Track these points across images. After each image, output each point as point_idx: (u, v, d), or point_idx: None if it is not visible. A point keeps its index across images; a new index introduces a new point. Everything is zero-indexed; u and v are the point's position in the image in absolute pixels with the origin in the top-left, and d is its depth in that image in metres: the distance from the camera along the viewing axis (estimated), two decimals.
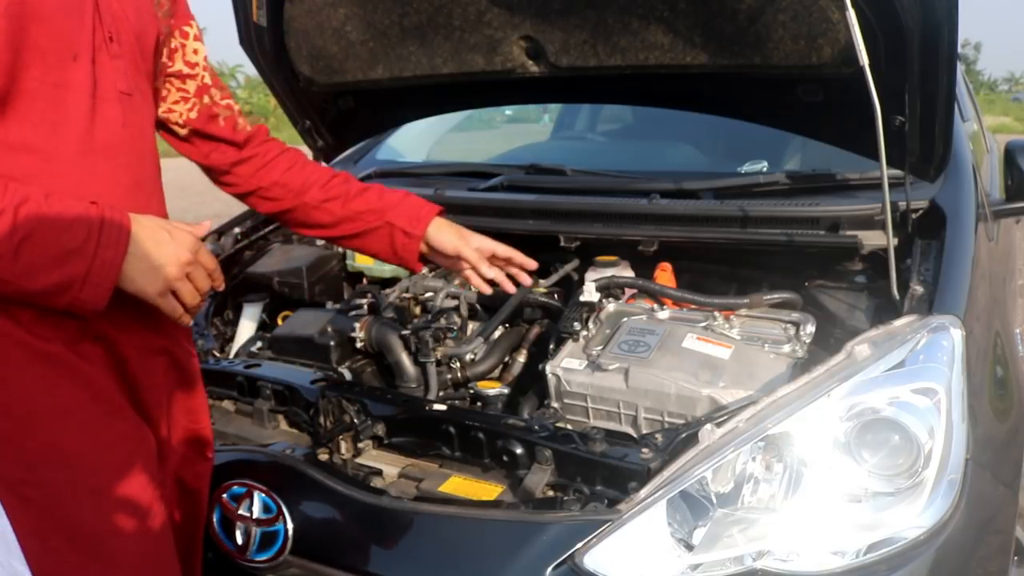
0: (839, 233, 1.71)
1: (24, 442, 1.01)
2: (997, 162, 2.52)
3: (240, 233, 2.29)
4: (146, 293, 1.04)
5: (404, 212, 1.46)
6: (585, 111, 3.27)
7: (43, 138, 1.02)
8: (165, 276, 1.05)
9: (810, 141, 1.93)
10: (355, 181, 1.49)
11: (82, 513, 1.03)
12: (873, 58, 1.34)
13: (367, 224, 1.46)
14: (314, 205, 1.44)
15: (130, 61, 1.12)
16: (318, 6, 1.88)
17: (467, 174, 2.35)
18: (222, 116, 1.37)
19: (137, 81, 1.13)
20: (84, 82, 1.04)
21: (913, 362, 1.26)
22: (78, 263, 0.98)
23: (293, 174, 1.44)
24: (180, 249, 1.06)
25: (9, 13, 0.95)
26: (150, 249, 1.04)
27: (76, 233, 0.98)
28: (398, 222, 1.45)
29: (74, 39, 1.04)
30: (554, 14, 1.70)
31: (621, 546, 1.16)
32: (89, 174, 1.06)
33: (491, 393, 1.68)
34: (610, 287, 1.74)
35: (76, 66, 1.04)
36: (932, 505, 1.17)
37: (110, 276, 1.00)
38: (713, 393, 1.40)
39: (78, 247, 0.97)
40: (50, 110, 1.02)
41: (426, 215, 1.47)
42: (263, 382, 1.66)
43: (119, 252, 1.00)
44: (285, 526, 1.33)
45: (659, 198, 1.90)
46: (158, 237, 1.05)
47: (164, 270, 1.05)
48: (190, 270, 1.08)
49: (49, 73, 1.01)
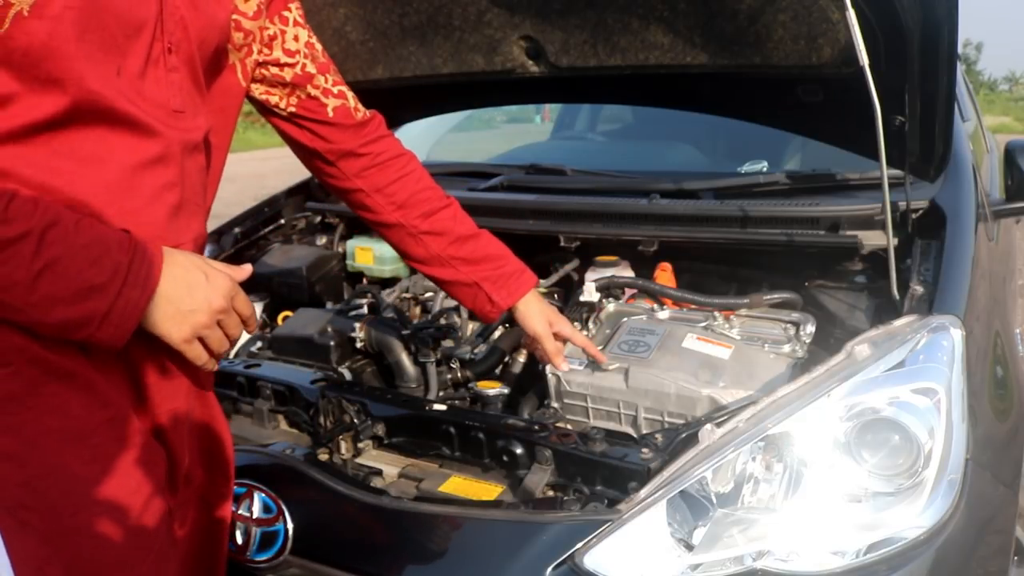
0: (839, 233, 1.71)
1: (28, 463, 0.94)
2: (997, 162, 2.52)
3: (240, 233, 2.29)
4: (171, 338, 0.97)
5: (498, 278, 1.41)
6: (585, 111, 3.27)
7: (91, 148, 0.95)
8: (194, 323, 0.97)
9: (810, 141, 1.93)
10: (464, 218, 1.41)
11: (83, 543, 0.96)
12: (873, 58, 1.34)
13: (458, 276, 1.41)
14: (411, 233, 1.37)
15: (186, 74, 1.04)
16: (318, 6, 1.88)
17: (467, 174, 2.35)
18: (332, 105, 1.29)
19: (192, 95, 1.06)
20: (134, 98, 0.97)
21: (913, 362, 1.26)
22: (100, 300, 0.90)
23: (400, 186, 1.35)
24: (214, 295, 0.99)
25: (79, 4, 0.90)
26: (181, 293, 0.96)
27: (103, 267, 0.90)
28: (487, 287, 1.41)
29: (127, 51, 0.96)
30: (554, 14, 1.70)
31: (621, 546, 1.16)
32: (133, 190, 0.98)
33: (491, 393, 1.68)
34: (610, 287, 1.74)
35: (121, 81, 0.96)
36: (932, 505, 1.16)
37: (132, 317, 0.92)
38: (713, 393, 1.40)
39: (103, 283, 0.90)
40: (98, 122, 0.95)
41: (519, 288, 1.43)
42: (263, 382, 1.65)
43: (146, 293, 0.93)
44: (285, 526, 1.33)
45: (659, 198, 1.90)
46: (192, 279, 0.97)
47: (193, 316, 0.97)
48: (222, 317, 1.00)
49: (101, 83, 0.93)
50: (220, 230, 2.32)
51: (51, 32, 0.88)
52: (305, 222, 2.44)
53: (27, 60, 0.88)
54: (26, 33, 0.87)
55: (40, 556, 0.94)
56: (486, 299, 1.43)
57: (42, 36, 0.88)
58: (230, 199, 1.50)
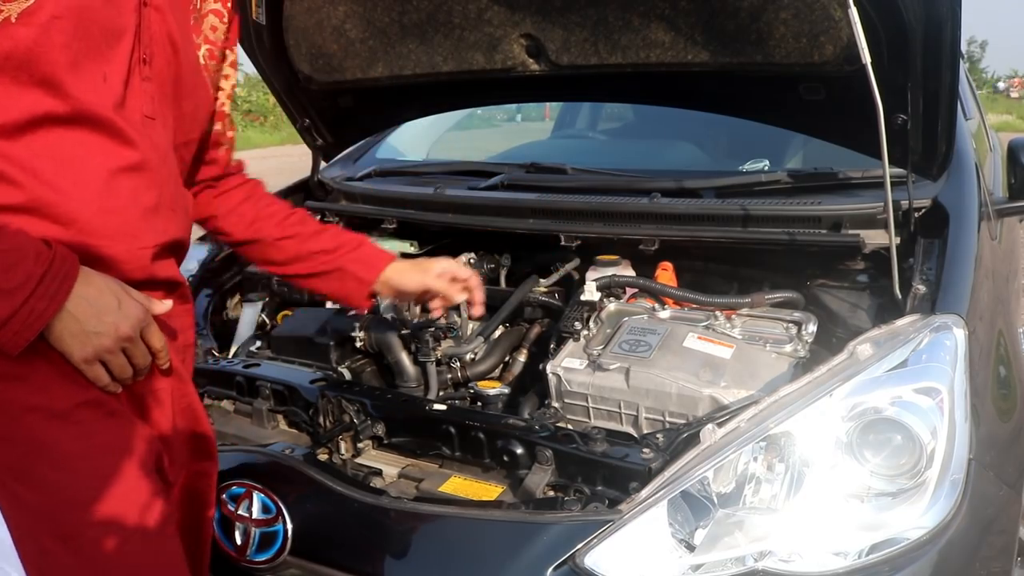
0: (841, 232, 1.70)
1: (18, 441, 0.99)
2: (1000, 160, 2.51)
3: None
4: (72, 355, 0.99)
5: (358, 258, 1.45)
6: (586, 109, 3.26)
7: (70, 150, 0.99)
8: (96, 345, 0.99)
9: (812, 139, 1.92)
10: (312, 220, 1.48)
11: (76, 514, 1.01)
12: (875, 56, 1.34)
13: (321, 266, 1.45)
14: (269, 242, 1.43)
15: (159, 85, 1.10)
16: (317, 4, 1.88)
17: (467, 173, 2.35)
18: (224, 146, 1.37)
19: (161, 105, 1.11)
20: (113, 104, 1.02)
21: (916, 362, 1.26)
22: (4, 305, 0.92)
23: (247, 207, 1.42)
24: (123, 322, 1.00)
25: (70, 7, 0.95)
26: (88, 314, 0.97)
27: (15, 274, 0.92)
28: (350, 267, 1.45)
29: (109, 58, 1.01)
30: (555, 12, 1.69)
31: (622, 546, 1.16)
32: (111, 191, 1.02)
33: (491, 393, 1.67)
34: (611, 286, 1.74)
35: (105, 86, 1.01)
36: (935, 505, 1.16)
37: (33, 327, 0.94)
38: (714, 393, 1.39)
39: (11, 289, 0.92)
40: (79, 126, 0.99)
41: (380, 262, 1.47)
42: (262, 382, 1.65)
43: (51, 306, 0.95)
44: (284, 526, 1.33)
45: (660, 197, 1.90)
46: (103, 303, 0.99)
47: (97, 338, 0.98)
48: (127, 345, 1.02)
49: (83, 88, 0.98)
50: None
51: (37, 39, 0.93)
52: None
53: (9, 64, 0.93)
54: (11, 38, 0.92)
55: (38, 530, 1.00)
56: (352, 279, 1.45)
57: (27, 43, 0.93)
58: None
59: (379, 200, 2.31)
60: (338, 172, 2.53)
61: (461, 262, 2.05)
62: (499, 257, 2.15)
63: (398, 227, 2.21)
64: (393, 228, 2.22)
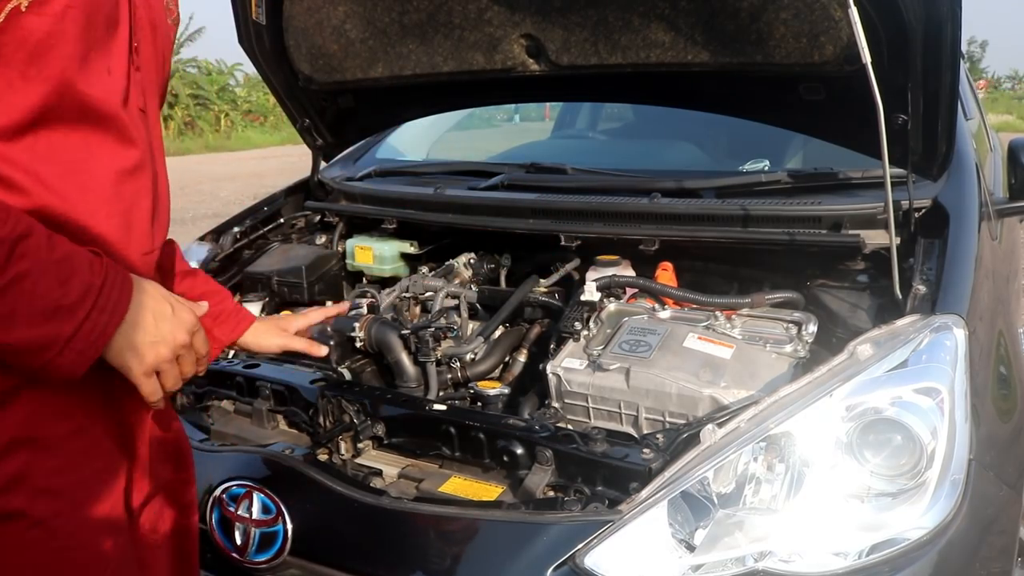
0: (841, 232, 1.70)
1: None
2: (1001, 160, 2.51)
3: (239, 232, 2.29)
4: (131, 370, 0.92)
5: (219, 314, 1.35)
6: (586, 110, 3.26)
7: (73, 153, 0.92)
8: (156, 355, 0.93)
9: (812, 139, 1.92)
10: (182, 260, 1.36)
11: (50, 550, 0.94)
12: (875, 56, 1.34)
13: None
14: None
15: (145, 74, 1.02)
16: (317, 4, 1.88)
17: (467, 173, 2.35)
18: None
19: (149, 97, 1.04)
20: (118, 99, 0.95)
21: (916, 362, 1.26)
22: (66, 323, 0.84)
23: None
24: (178, 328, 0.95)
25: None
26: (147, 323, 0.91)
27: (73, 287, 0.85)
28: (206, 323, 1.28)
29: (110, 49, 0.94)
30: (555, 12, 1.69)
31: (622, 547, 1.16)
32: (117, 195, 0.96)
33: (491, 393, 1.67)
34: (611, 286, 1.74)
35: (111, 80, 0.94)
36: (935, 506, 1.16)
37: (97, 344, 0.87)
38: (715, 393, 1.39)
39: (71, 304, 0.84)
40: (84, 123, 0.92)
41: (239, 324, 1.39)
42: (262, 382, 1.65)
43: (114, 319, 0.88)
44: (284, 527, 1.33)
45: (660, 197, 1.90)
46: (159, 310, 0.93)
47: (156, 348, 0.92)
48: (183, 353, 0.96)
49: (90, 83, 0.91)
50: (219, 229, 2.32)
51: (50, 31, 0.85)
52: (304, 221, 2.44)
53: (18, 56, 0.85)
54: (22, 28, 0.84)
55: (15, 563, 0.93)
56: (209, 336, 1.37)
57: (39, 34, 0.85)
58: (230, 198, 1.49)
59: (379, 200, 2.31)
60: (338, 172, 2.53)
61: (461, 262, 2.06)
62: (499, 257, 2.15)
63: (398, 227, 2.21)
64: (393, 228, 2.22)
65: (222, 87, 22.46)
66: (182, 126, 20.58)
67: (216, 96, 21.79)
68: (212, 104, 21.63)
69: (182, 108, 20.63)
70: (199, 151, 17.60)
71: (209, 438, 1.58)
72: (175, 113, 20.47)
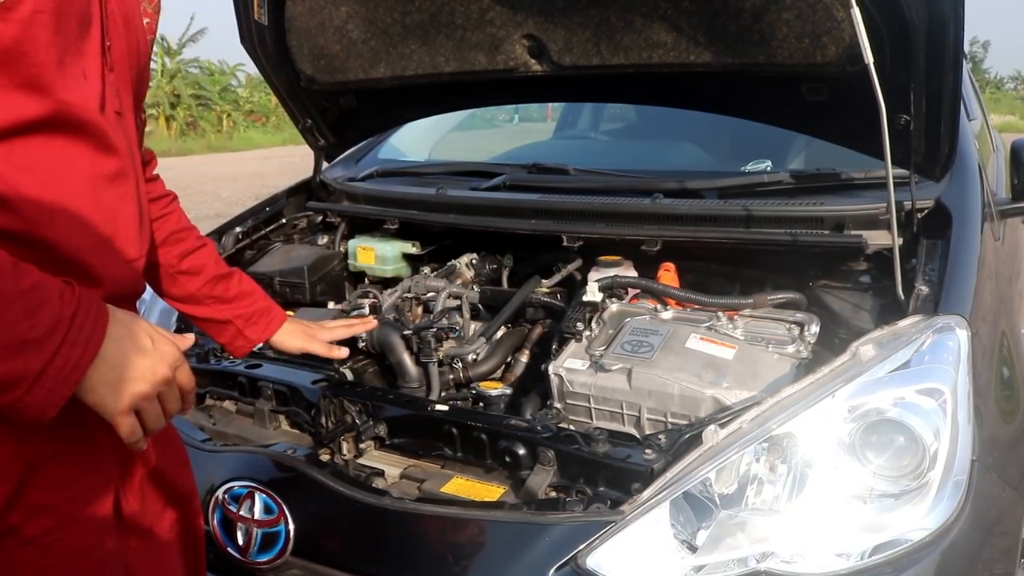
0: (843, 233, 1.70)
1: None
2: (1003, 161, 2.50)
3: (241, 232, 2.29)
4: (106, 408, 0.85)
5: (251, 315, 1.42)
6: (588, 110, 3.26)
7: (52, 161, 0.88)
8: (134, 392, 0.85)
9: (814, 140, 1.92)
10: (218, 259, 1.41)
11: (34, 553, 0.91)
12: (878, 56, 1.33)
13: (212, 313, 1.40)
14: (169, 272, 1.35)
15: (119, 75, 0.99)
16: (320, 4, 1.88)
17: (469, 173, 2.35)
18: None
19: (124, 99, 1.00)
20: (95, 104, 0.92)
21: (918, 363, 1.26)
22: (34, 358, 0.77)
23: (160, 224, 1.32)
24: (159, 363, 0.88)
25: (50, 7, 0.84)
26: (125, 357, 0.85)
27: (41, 318, 0.78)
28: (239, 323, 1.42)
29: (83, 52, 0.91)
30: (557, 12, 1.69)
31: (624, 547, 1.16)
32: (97, 205, 0.92)
33: (493, 394, 1.67)
34: (613, 287, 1.74)
35: (87, 84, 0.91)
36: (937, 507, 1.16)
37: (69, 381, 0.80)
38: (717, 394, 1.39)
39: (39, 338, 0.78)
40: (62, 130, 0.88)
41: (270, 326, 1.45)
42: (265, 382, 1.65)
43: (87, 353, 0.81)
44: (286, 527, 1.33)
45: (662, 197, 1.90)
46: (138, 343, 0.87)
47: (134, 384, 0.85)
48: (164, 389, 0.89)
49: (66, 88, 0.88)
50: (221, 230, 2.32)
51: (18, 37, 0.81)
52: (306, 221, 2.44)
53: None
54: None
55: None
56: (238, 335, 1.42)
57: (7, 41, 0.81)
58: (232, 198, 1.50)
59: (381, 200, 2.31)
60: (340, 172, 2.53)
61: (463, 262, 2.06)
62: (501, 258, 2.15)
63: (400, 227, 2.22)
64: (395, 228, 2.22)
65: (224, 87, 22.51)
66: (184, 126, 20.61)
67: (218, 96, 21.84)
68: (214, 104, 21.68)
69: (184, 108, 20.67)
70: (201, 151, 17.63)
71: (211, 438, 1.58)
72: (177, 113, 20.52)
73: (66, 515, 0.92)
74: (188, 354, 1.73)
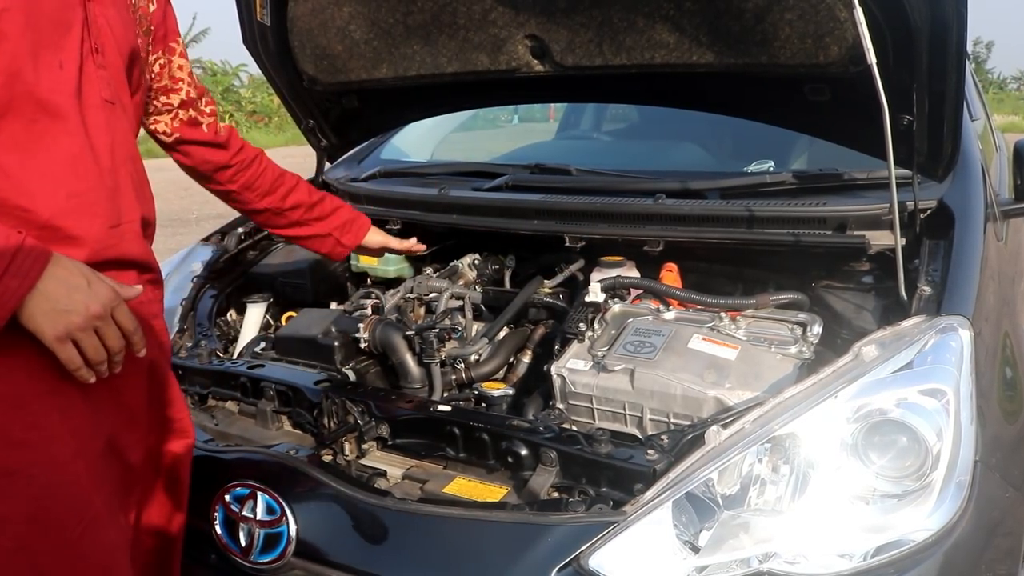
0: (846, 233, 1.70)
1: None
2: (1006, 161, 2.50)
3: (244, 233, 2.29)
4: (44, 334, 1.01)
5: (344, 224, 1.82)
6: (590, 110, 3.26)
7: (33, 140, 1.04)
8: (67, 322, 1.01)
9: (817, 140, 1.92)
10: (311, 188, 1.77)
11: (27, 503, 1.04)
12: (881, 57, 1.33)
13: (316, 230, 1.78)
14: (277, 211, 1.71)
15: (113, 73, 1.18)
16: (322, 5, 1.88)
17: (472, 174, 2.35)
18: (205, 123, 1.53)
19: (119, 92, 1.19)
20: (71, 90, 1.08)
21: (921, 363, 1.25)
22: None
23: (262, 180, 1.66)
24: (93, 301, 1.03)
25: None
26: (59, 292, 1.01)
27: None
28: (337, 234, 1.81)
29: (62, 47, 1.08)
30: (559, 13, 1.69)
31: (626, 548, 1.15)
32: (77, 176, 1.08)
33: (496, 394, 1.67)
34: (615, 287, 1.74)
35: (62, 74, 1.07)
36: (940, 507, 1.16)
37: (7, 306, 0.97)
38: (719, 394, 1.39)
39: None
40: (41, 113, 1.04)
41: (360, 230, 1.85)
42: (267, 383, 1.65)
43: (24, 284, 0.98)
44: (288, 528, 1.33)
45: (665, 198, 1.89)
46: (73, 282, 1.02)
47: (67, 316, 1.01)
48: (99, 324, 1.04)
49: (40, 76, 1.04)
50: (224, 230, 2.32)
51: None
52: None
53: None
54: None
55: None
56: (337, 244, 1.82)
57: None
58: None
59: (383, 201, 2.31)
60: (342, 173, 2.53)
61: (465, 263, 2.08)
62: (503, 258, 2.15)
63: (402, 228, 2.21)
64: (397, 229, 2.22)
65: (226, 88, 22.49)
66: None
67: (220, 97, 21.84)
68: (216, 105, 21.69)
69: None
70: None
71: (213, 439, 1.58)
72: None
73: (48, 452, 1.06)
74: (189, 354, 1.78)
